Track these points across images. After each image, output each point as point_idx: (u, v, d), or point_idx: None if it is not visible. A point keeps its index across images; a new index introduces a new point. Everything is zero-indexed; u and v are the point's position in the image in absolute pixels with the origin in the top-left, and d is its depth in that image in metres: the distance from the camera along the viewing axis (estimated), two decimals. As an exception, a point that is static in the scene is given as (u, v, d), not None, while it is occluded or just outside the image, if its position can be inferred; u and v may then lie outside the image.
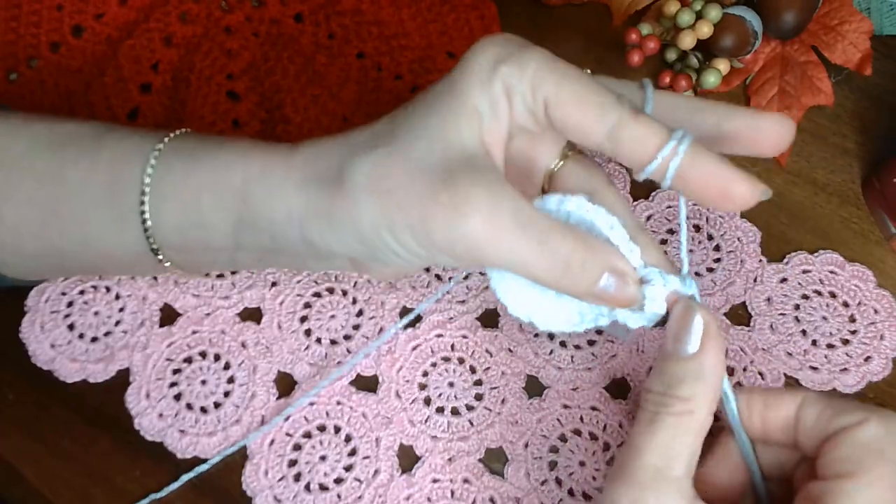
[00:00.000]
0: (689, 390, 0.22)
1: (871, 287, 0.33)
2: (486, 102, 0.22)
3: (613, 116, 0.22)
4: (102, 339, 0.32)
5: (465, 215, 0.21)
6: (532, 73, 0.22)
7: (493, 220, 0.21)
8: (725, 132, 0.24)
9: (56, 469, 0.30)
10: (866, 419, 0.22)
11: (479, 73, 0.22)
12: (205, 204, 0.25)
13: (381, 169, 0.22)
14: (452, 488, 0.30)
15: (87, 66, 0.36)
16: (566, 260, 0.22)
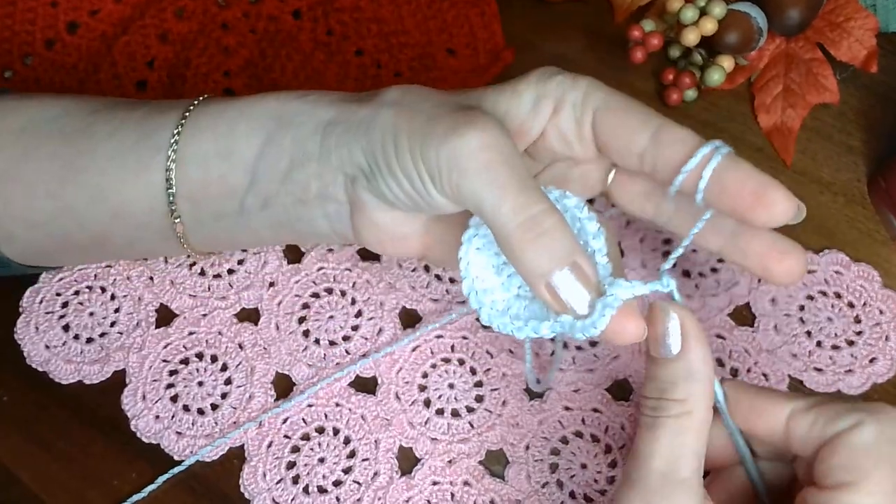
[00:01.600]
0: (684, 391, 0.23)
1: (877, 287, 0.33)
2: (533, 95, 0.25)
3: (657, 122, 0.24)
4: (98, 340, 0.32)
5: (463, 134, 0.22)
6: (585, 85, 0.25)
7: (486, 148, 0.22)
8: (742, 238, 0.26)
9: (52, 471, 0.30)
10: (860, 422, 0.22)
11: (537, 74, 0.25)
12: (240, 127, 0.26)
13: (413, 91, 0.25)
14: (452, 490, 0.29)
15: (83, 62, 0.36)
16: (539, 224, 0.22)
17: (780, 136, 0.37)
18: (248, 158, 0.26)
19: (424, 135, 0.22)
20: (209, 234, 0.28)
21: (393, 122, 0.23)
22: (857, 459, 0.21)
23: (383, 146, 0.24)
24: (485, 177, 0.22)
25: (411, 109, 0.23)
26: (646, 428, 0.23)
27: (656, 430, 0.22)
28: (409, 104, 0.24)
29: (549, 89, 0.25)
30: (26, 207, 0.27)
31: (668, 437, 0.22)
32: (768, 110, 0.38)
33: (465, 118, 0.23)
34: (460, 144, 0.22)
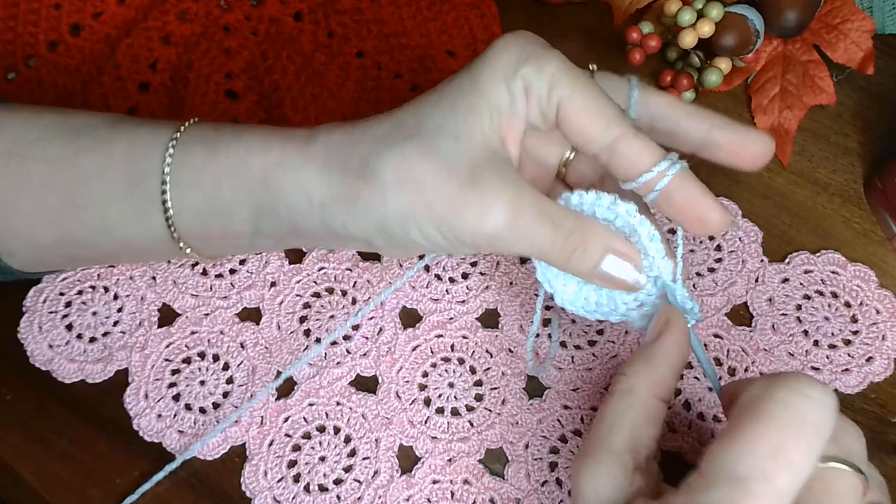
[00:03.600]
0: (632, 368, 0.24)
1: (873, 287, 0.33)
2: (507, 99, 0.24)
3: (617, 130, 0.24)
4: (101, 340, 0.32)
5: (492, 215, 0.23)
6: (550, 74, 0.24)
7: (516, 216, 0.23)
8: (713, 140, 0.26)
9: (55, 470, 0.30)
10: (753, 382, 0.22)
11: (502, 70, 0.24)
12: (225, 191, 0.25)
13: (409, 163, 0.23)
14: (452, 489, 0.29)
15: (86, 65, 0.36)
16: (571, 244, 0.24)
17: (776, 137, 0.37)
18: (246, 217, 0.26)
19: (453, 223, 0.23)
20: (225, 253, 0.30)
21: (408, 210, 0.24)
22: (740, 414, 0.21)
23: (405, 231, 0.24)
24: (524, 241, 0.24)
25: (421, 192, 0.23)
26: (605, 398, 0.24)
27: (606, 398, 0.24)
28: (414, 183, 0.23)
29: (517, 87, 0.24)
30: (29, 231, 0.27)
31: (610, 407, 0.24)
32: (765, 112, 0.38)
33: (486, 198, 0.23)
34: (495, 226, 0.23)
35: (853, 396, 0.31)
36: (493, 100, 0.24)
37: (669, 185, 0.24)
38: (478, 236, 0.23)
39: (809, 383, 0.20)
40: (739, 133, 0.26)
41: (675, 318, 0.25)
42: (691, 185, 0.24)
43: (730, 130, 0.26)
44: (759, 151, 0.25)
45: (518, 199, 0.23)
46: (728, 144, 0.26)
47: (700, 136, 0.26)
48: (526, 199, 0.24)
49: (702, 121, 0.26)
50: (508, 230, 0.23)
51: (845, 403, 0.31)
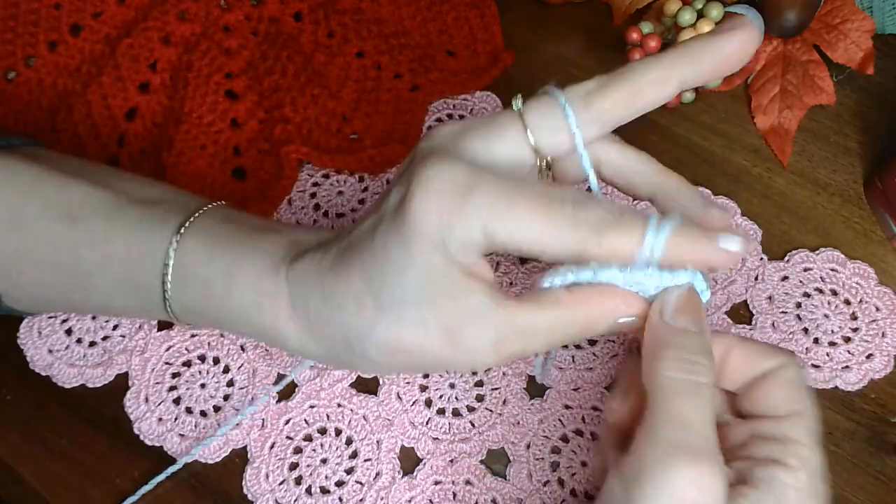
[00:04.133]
0: (707, 360, 0.22)
1: (873, 284, 0.33)
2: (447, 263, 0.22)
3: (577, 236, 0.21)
4: (101, 344, 0.32)
5: (479, 360, 0.23)
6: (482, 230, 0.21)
7: (503, 351, 0.23)
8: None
9: (55, 470, 0.30)
10: (785, 363, 0.24)
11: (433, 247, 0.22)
12: (226, 323, 0.27)
13: (388, 347, 0.23)
14: (454, 490, 0.29)
15: (86, 65, 0.36)
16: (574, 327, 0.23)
17: (777, 137, 0.37)
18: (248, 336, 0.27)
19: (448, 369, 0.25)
20: None
21: (400, 369, 0.26)
22: (799, 391, 0.24)
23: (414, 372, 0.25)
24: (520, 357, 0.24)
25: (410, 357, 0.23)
26: (682, 393, 0.21)
27: (696, 396, 0.21)
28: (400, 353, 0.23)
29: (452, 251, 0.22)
30: (34, 292, 0.28)
31: (708, 404, 0.21)
32: (765, 112, 0.38)
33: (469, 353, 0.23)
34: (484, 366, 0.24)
35: (853, 396, 0.31)
36: (436, 274, 0.22)
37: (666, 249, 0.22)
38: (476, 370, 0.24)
39: None
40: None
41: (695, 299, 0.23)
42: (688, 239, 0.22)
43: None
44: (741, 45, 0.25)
45: (500, 340, 0.22)
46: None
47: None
48: (509, 336, 0.22)
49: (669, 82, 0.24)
50: (503, 361, 0.24)
51: (845, 404, 0.31)
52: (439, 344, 0.23)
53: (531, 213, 0.21)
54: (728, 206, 0.35)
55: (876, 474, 0.30)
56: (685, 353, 0.22)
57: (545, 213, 0.21)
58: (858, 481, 0.30)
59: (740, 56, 0.24)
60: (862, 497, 0.30)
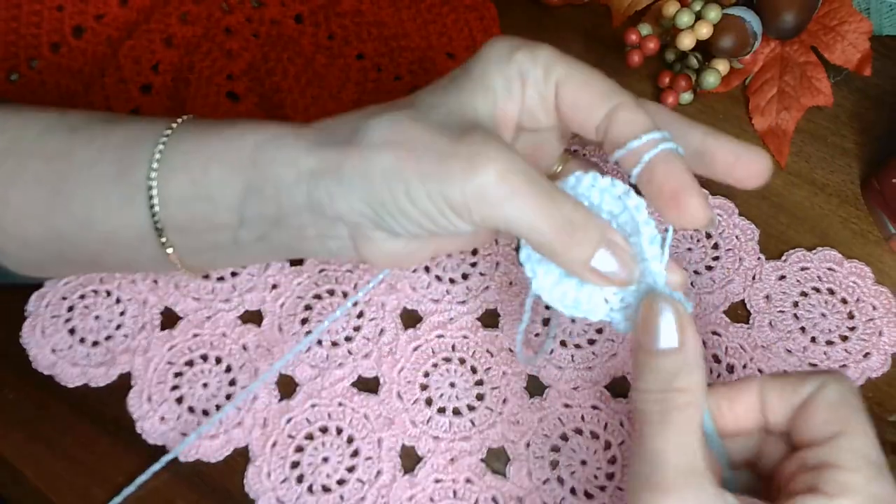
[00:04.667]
0: (686, 381, 0.22)
1: (870, 283, 0.34)
2: (501, 81, 0.24)
3: (617, 99, 0.24)
4: (103, 344, 0.32)
5: (482, 167, 0.22)
6: (544, 59, 0.24)
7: (508, 175, 0.22)
8: (708, 150, 0.25)
9: (57, 469, 0.30)
10: (824, 383, 0.23)
11: (495, 57, 0.24)
12: (213, 173, 0.25)
13: (397, 126, 0.23)
14: (455, 488, 0.30)
15: (88, 66, 0.36)
16: (571, 224, 0.23)
17: (774, 138, 0.38)
18: (232, 202, 0.25)
19: (441, 177, 0.22)
20: (204, 260, 0.28)
21: (394, 166, 0.23)
22: (838, 411, 0.23)
23: (392, 193, 0.23)
24: (515, 202, 0.22)
25: (409, 148, 0.23)
26: (653, 423, 0.22)
27: (667, 424, 0.22)
28: (402, 141, 0.23)
29: (512, 71, 0.24)
30: (17, 229, 0.27)
31: (680, 428, 0.22)
32: (763, 113, 0.38)
33: (475, 150, 0.22)
34: (485, 180, 0.22)
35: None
36: (486, 82, 0.24)
37: (654, 160, 0.23)
38: (468, 195, 0.22)
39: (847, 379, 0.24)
40: (734, 147, 0.25)
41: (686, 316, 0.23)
42: (677, 165, 0.23)
43: (725, 144, 0.25)
44: (754, 169, 0.25)
45: (510, 160, 0.22)
46: (723, 155, 0.25)
47: (694, 145, 0.25)
48: (518, 164, 0.22)
49: (697, 132, 0.25)
50: (498, 187, 0.22)
51: (843, 402, 0.32)
52: (448, 139, 0.22)
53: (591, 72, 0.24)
54: (726, 206, 0.36)
55: (873, 472, 0.30)
56: (657, 381, 0.22)
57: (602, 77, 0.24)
58: (855, 479, 0.30)
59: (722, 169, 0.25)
60: (859, 495, 0.30)
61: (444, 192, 0.22)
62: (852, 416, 0.23)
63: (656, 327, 0.23)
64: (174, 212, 0.26)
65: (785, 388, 0.24)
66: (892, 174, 0.34)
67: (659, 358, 0.23)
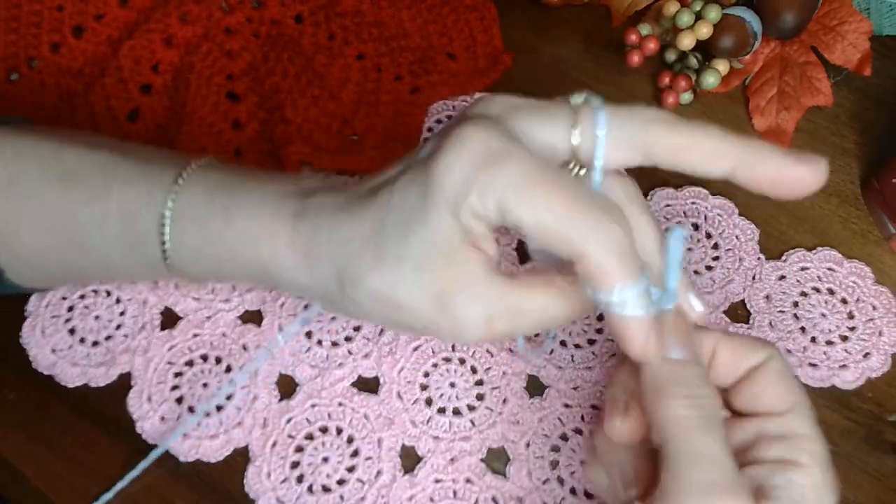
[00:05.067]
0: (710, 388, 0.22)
1: (870, 283, 0.34)
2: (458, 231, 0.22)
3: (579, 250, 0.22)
4: (103, 344, 0.32)
5: (468, 333, 0.23)
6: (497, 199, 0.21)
7: (492, 328, 0.23)
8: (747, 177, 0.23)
9: (57, 469, 0.30)
10: (772, 354, 0.24)
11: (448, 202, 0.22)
12: (224, 270, 0.26)
13: (378, 294, 0.23)
14: (455, 488, 0.30)
15: (88, 66, 0.36)
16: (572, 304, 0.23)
17: (774, 138, 0.38)
18: (248, 282, 0.27)
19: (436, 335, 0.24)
20: None
21: (389, 323, 0.25)
22: (791, 383, 0.23)
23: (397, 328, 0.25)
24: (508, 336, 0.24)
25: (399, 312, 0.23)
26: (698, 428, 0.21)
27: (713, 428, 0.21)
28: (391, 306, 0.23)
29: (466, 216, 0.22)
30: (34, 260, 0.28)
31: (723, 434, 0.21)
32: (763, 113, 0.38)
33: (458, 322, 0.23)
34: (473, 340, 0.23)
35: (850, 395, 0.32)
36: (441, 236, 0.22)
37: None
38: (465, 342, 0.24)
39: None
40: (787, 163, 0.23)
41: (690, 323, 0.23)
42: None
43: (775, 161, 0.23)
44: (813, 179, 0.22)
45: (490, 315, 0.23)
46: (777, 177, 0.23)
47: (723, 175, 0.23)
48: (499, 313, 0.23)
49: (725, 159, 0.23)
50: (492, 338, 0.24)
51: (842, 402, 0.32)
52: (430, 308, 0.23)
53: (548, 204, 0.21)
54: (726, 206, 0.36)
55: (873, 473, 0.30)
56: (691, 388, 0.22)
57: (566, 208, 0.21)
58: (855, 480, 0.30)
59: (796, 186, 0.23)
60: (859, 496, 0.30)
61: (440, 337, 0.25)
62: (800, 388, 0.23)
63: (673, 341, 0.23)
64: (190, 272, 0.27)
65: (736, 351, 0.24)
66: (892, 174, 0.34)
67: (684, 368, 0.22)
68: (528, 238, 0.24)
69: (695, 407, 0.22)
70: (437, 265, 0.23)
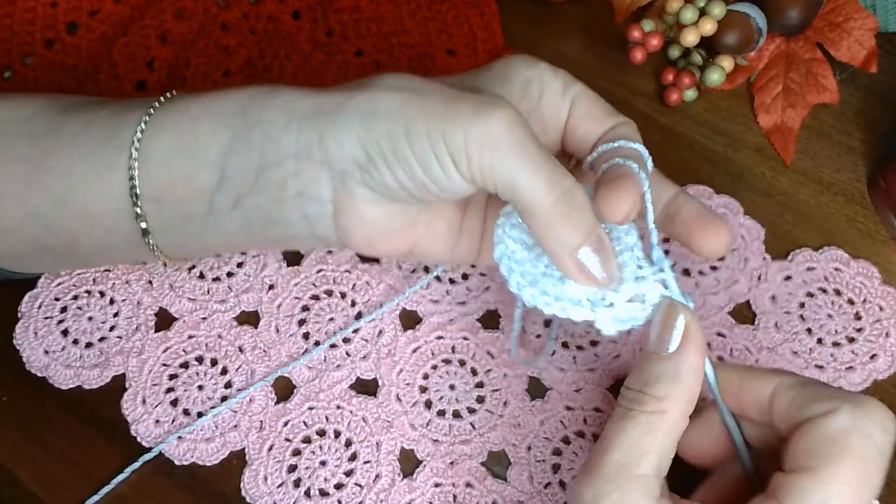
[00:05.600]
0: (664, 390, 0.22)
1: (877, 284, 0.33)
2: (521, 79, 0.26)
3: (615, 119, 0.26)
4: (97, 345, 0.32)
5: (490, 113, 0.22)
6: (564, 75, 0.26)
7: (515, 126, 0.22)
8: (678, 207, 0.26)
9: (52, 471, 0.30)
10: (836, 409, 0.21)
11: (520, 59, 0.26)
12: (202, 126, 0.25)
13: (413, 78, 0.24)
14: (455, 492, 0.29)
15: (82, 63, 0.36)
16: (572, 199, 0.22)
17: (780, 135, 0.37)
18: (214, 156, 0.24)
19: (445, 117, 0.22)
20: (178, 238, 0.27)
21: (400, 106, 0.22)
22: (823, 446, 0.21)
23: (390, 133, 0.22)
24: (518, 153, 0.22)
25: (418, 93, 0.23)
26: (617, 418, 0.22)
27: (626, 421, 0.22)
28: (413, 88, 0.23)
29: (533, 73, 0.26)
30: None
31: (636, 430, 0.22)
32: (768, 110, 0.38)
33: (485, 99, 0.23)
34: (492, 123, 0.21)
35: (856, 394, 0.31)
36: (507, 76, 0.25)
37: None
38: (470, 137, 0.21)
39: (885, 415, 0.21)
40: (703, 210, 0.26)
41: (693, 322, 0.23)
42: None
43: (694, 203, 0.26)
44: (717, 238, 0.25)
45: (518, 115, 0.22)
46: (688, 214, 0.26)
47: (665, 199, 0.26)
48: (526, 123, 0.22)
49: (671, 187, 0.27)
50: (504, 135, 0.21)
51: (849, 404, 0.31)
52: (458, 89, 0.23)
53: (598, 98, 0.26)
54: (731, 205, 0.35)
55: (880, 476, 0.30)
56: (637, 381, 0.23)
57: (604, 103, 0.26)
58: (863, 483, 0.30)
59: None
60: (866, 499, 0.29)
61: (445, 133, 0.22)
62: (838, 458, 0.21)
63: (661, 330, 0.23)
64: (152, 172, 0.25)
65: (797, 399, 0.23)
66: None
67: (649, 360, 0.23)
68: None
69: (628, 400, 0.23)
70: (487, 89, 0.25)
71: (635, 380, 0.23)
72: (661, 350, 0.23)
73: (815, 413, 0.22)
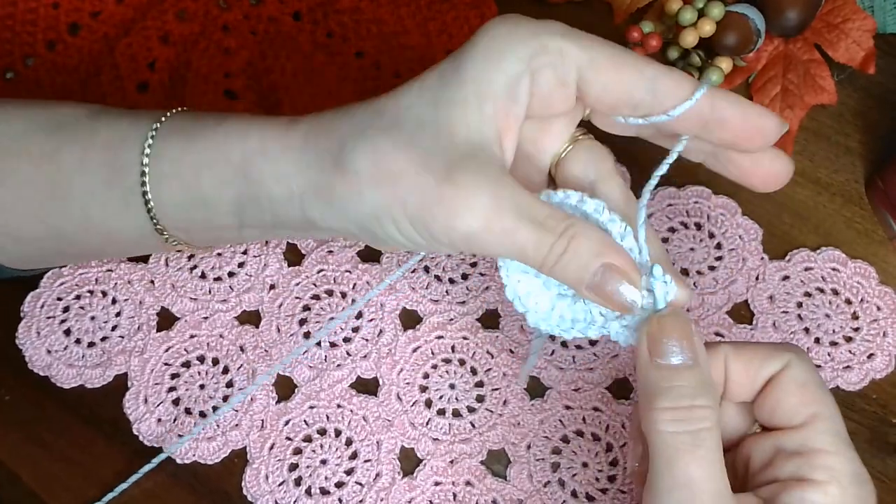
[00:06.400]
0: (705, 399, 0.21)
1: (874, 284, 0.33)
2: (503, 80, 0.22)
3: (651, 71, 0.23)
4: (99, 345, 0.32)
5: (466, 215, 0.21)
6: (556, 43, 0.22)
7: (494, 217, 0.21)
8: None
9: (53, 470, 0.30)
10: (790, 361, 0.22)
11: (494, 52, 0.22)
12: (205, 181, 0.25)
13: (382, 157, 0.22)
14: (454, 491, 0.29)
15: (84, 64, 0.36)
16: (560, 248, 0.22)
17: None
18: (228, 206, 0.25)
19: (427, 220, 0.22)
20: (209, 242, 0.29)
21: (382, 204, 0.22)
22: (810, 392, 0.22)
23: (382, 226, 0.23)
24: (501, 244, 0.22)
25: (394, 185, 0.22)
26: (684, 447, 0.20)
27: (698, 448, 0.20)
28: (387, 177, 0.22)
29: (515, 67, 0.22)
30: (15, 226, 0.27)
31: (711, 454, 0.20)
32: (766, 111, 0.38)
33: (461, 195, 0.21)
34: (469, 229, 0.22)
35: (854, 397, 0.31)
36: (482, 88, 0.22)
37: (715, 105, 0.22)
38: (453, 236, 0.22)
39: None
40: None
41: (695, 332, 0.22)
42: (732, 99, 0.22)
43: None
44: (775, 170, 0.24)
45: (498, 200, 0.21)
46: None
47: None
48: (507, 200, 0.21)
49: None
50: (485, 231, 0.21)
51: (846, 404, 0.31)
52: (434, 179, 0.21)
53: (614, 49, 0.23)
54: (729, 205, 0.35)
55: (877, 475, 0.30)
56: (680, 398, 0.21)
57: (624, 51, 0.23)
58: (860, 482, 0.30)
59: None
60: (863, 498, 0.29)
61: (431, 233, 0.22)
62: (823, 396, 0.22)
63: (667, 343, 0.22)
64: (172, 214, 0.26)
65: (750, 363, 0.23)
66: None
67: (676, 375, 0.21)
68: None
69: (681, 422, 0.20)
70: (459, 136, 0.21)
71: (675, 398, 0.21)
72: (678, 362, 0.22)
73: (775, 370, 0.22)
